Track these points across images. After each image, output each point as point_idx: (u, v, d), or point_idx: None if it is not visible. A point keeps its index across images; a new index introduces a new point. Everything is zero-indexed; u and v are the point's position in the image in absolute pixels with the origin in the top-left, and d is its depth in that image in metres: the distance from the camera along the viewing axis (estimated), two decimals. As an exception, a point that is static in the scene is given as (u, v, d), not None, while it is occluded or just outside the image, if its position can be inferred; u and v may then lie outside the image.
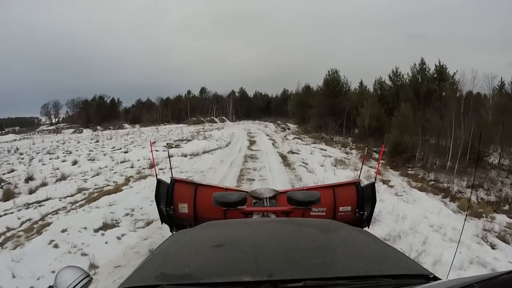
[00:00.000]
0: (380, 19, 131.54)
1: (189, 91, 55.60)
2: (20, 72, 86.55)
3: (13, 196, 6.19)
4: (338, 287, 0.69)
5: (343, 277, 0.71)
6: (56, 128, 45.39)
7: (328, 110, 23.90)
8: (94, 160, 10.53)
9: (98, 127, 39.88)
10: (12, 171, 9.77)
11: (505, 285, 0.52)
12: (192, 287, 0.69)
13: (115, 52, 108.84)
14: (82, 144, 18.13)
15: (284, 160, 9.05)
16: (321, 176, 6.66)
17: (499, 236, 4.51)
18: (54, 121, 55.63)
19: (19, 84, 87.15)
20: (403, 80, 22.24)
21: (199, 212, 1.96)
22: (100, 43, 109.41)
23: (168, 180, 2.02)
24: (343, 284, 0.69)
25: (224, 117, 45.04)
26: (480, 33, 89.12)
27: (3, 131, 44.81)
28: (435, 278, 0.74)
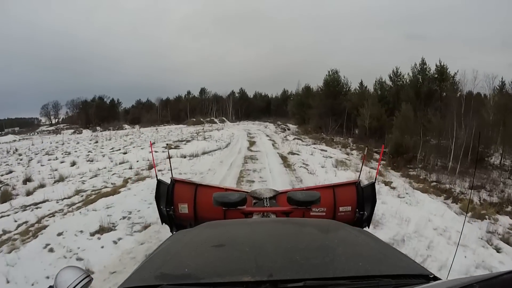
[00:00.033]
0: (380, 19, 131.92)
1: (189, 92, 55.66)
2: (20, 72, 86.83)
3: (11, 198, 6.19)
4: (338, 287, 0.69)
5: (343, 277, 0.71)
6: (56, 129, 45.39)
7: (328, 111, 23.82)
8: (93, 161, 10.48)
9: (98, 128, 39.86)
10: (11, 172, 9.74)
11: (505, 285, 0.52)
12: (192, 287, 0.69)
13: (115, 52, 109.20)
14: (81, 145, 18.09)
15: (284, 161, 8.98)
16: (322, 178, 6.58)
17: (503, 239, 4.43)
18: (54, 122, 55.62)
19: (19, 84, 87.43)
20: (404, 80, 22.21)
21: (199, 212, 1.96)
22: (100, 43, 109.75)
23: (168, 181, 2.02)
24: (343, 284, 0.69)
25: (224, 118, 45.01)
26: (480, 33, 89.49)
27: (3, 132, 44.78)
28: (435, 278, 0.74)
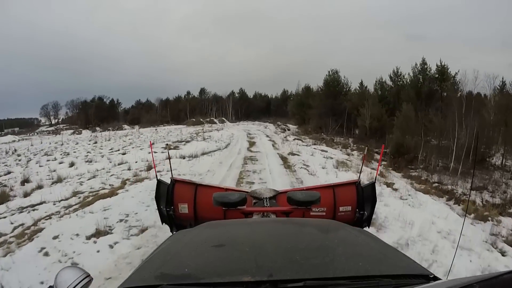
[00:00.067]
0: (380, 19, 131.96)
1: (189, 92, 55.54)
2: (20, 72, 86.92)
3: (8, 199, 6.14)
4: (338, 287, 0.69)
5: (343, 277, 0.71)
6: (55, 129, 45.35)
7: (329, 111, 23.75)
8: (92, 162, 10.41)
9: (97, 128, 39.79)
10: (9, 173, 9.67)
11: (505, 285, 0.52)
12: (192, 287, 0.69)
13: (115, 52, 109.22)
14: (80, 146, 18.02)
15: (285, 162, 8.90)
16: (323, 179, 6.51)
17: (507, 241, 4.37)
18: (54, 122, 55.54)
19: (19, 84, 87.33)
20: (404, 80, 22.14)
21: (199, 212, 1.96)
22: (100, 43, 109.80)
23: (168, 181, 2.01)
24: (343, 284, 0.69)
25: (224, 118, 44.95)
26: (480, 33, 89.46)
27: (2, 132, 44.73)
28: (435, 278, 0.74)
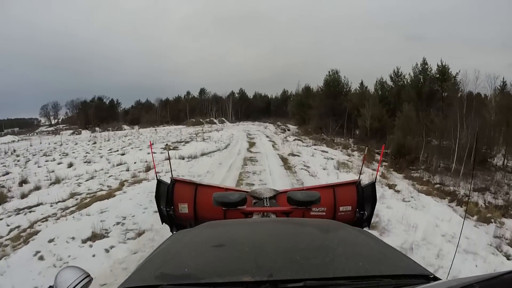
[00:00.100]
0: (380, 20, 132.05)
1: (188, 92, 55.48)
2: (20, 72, 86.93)
3: (5, 201, 6.09)
4: (338, 287, 0.68)
5: (343, 277, 0.71)
6: (55, 130, 45.27)
7: (329, 111, 23.64)
8: (90, 163, 10.33)
9: (97, 129, 39.72)
10: (7, 174, 9.60)
11: (505, 285, 0.52)
12: (192, 287, 0.69)
13: (115, 52, 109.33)
14: (80, 146, 17.94)
15: (285, 163, 8.82)
16: (324, 180, 6.42)
17: (511, 244, 4.28)
18: (53, 122, 55.45)
19: (19, 84, 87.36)
20: (405, 81, 22.05)
21: (199, 212, 1.96)
22: (100, 43, 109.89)
23: (168, 181, 2.01)
24: (343, 284, 0.69)
25: (224, 118, 44.90)
26: (480, 34, 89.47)
27: (2, 133, 44.67)
28: (435, 278, 0.74)
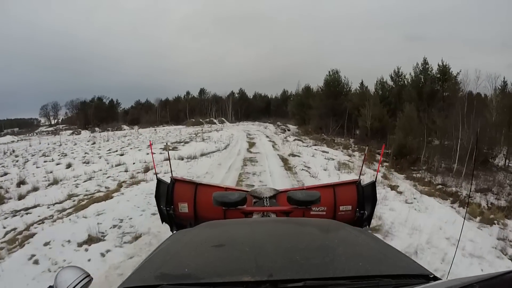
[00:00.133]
0: (380, 20, 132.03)
1: (188, 92, 55.40)
2: (20, 72, 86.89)
3: (2, 202, 6.05)
4: (338, 287, 0.68)
5: (343, 277, 0.71)
6: (55, 130, 45.21)
7: (329, 111, 23.53)
8: (89, 163, 10.26)
9: (96, 129, 39.65)
10: (5, 174, 9.53)
11: (505, 285, 0.51)
12: (192, 287, 0.69)
13: (115, 52, 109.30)
14: (79, 146, 17.87)
15: (285, 164, 8.73)
16: (325, 182, 6.34)
17: (516, 246, 4.19)
18: (53, 123, 55.39)
19: (19, 84, 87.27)
20: (405, 80, 21.95)
21: (199, 212, 1.95)
22: (100, 43, 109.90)
23: (168, 180, 2.00)
24: (343, 284, 0.69)
25: (223, 118, 44.83)
26: (480, 34, 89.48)
27: (2, 133, 44.61)
28: (435, 278, 0.73)
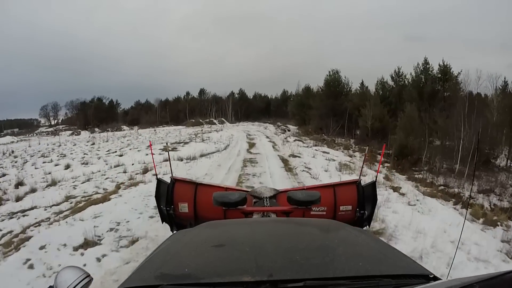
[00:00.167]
0: (380, 21, 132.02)
1: (188, 92, 55.39)
2: (20, 72, 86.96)
3: (0, 204, 5.95)
4: (338, 287, 0.68)
5: (343, 277, 0.71)
6: (54, 130, 45.17)
7: (329, 111, 23.44)
8: (88, 164, 10.20)
9: (96, 129, 39.59)
10: (4, 176, 9.47)
11: (505, 285, 0.52)
12: (192, 287, 0.69)
13: (115, 52, 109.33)
14: (78, 147, 17.81)
15: (286, 165, 8.66)
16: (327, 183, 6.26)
17: (520, 249, 4.11)
18: (53, 123, 55.35)
19: (19, 84, 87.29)
20: (406, 80, 21.88)
21: (199, 212, 1.95)
22: (100, 43, 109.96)
23: (168, 180, 1.99)
24: (343, 284, 0.69)
25: (223, 119, 44.77)
26: (480, 34, 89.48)
27: (2, 133, 44.59)
28: (435, 278, 0.73)
